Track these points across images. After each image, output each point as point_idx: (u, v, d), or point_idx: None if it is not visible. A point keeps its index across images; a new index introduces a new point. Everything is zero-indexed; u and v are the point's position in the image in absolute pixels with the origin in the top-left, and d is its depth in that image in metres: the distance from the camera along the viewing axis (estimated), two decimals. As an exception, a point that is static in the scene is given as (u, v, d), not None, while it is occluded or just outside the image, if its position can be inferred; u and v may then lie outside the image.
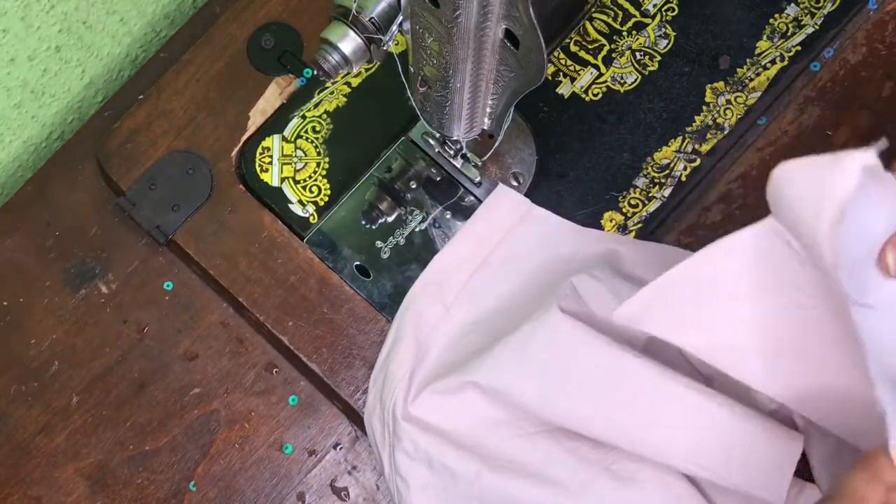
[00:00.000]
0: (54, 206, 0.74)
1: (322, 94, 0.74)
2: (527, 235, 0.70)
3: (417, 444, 0.64)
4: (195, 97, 0.74)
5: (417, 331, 0.67)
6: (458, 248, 0.70)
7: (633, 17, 0.75)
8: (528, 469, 0.64)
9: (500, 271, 0.69)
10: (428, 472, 0.64)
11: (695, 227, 0.71)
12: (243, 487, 0.69)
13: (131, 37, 0.81)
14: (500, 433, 0.65)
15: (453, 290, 0.69)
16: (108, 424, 0.70)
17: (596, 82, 0.74)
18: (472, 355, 0.65)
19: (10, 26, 0.69)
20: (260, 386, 0.71)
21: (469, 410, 0.65)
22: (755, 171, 0.71)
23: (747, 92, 0.73)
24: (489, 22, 0.51)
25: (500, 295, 0.69)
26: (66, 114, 0.81)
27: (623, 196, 0.72)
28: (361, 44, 0.56)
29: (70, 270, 0.73)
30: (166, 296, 0.72)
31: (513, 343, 0.64)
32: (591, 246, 0.69)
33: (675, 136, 0.73)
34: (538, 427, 0.64)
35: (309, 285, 0.71)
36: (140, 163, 0.73)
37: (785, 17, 0.74)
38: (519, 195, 0.70)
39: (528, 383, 0.63)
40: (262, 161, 0.73)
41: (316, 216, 0.72)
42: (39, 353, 0.71)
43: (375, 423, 0.67)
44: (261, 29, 0.75)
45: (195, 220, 0.72)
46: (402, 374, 0.66)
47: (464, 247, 0.70)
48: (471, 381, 0.64)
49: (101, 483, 0.69)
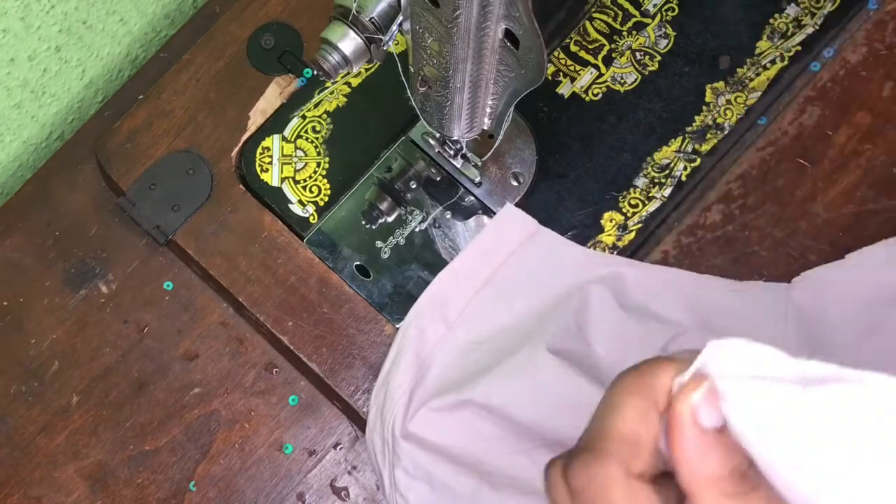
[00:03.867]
0: (54, 206, 0.74)
1: (322, 94, 0.74)
2: (532, 256, 0.69)
3: (417, 462, 0.64)
4: (195, 97, 0.74)
5: (419, 348, 0.67)
6: (462, 265, 0.69)
7: (633, 17, 0.75)
8: (528, 485, 0.63)
9: (505, 291, 0.69)
10: (428, 490, 0.64)
11: (695, 227, 0.71)
12: (243, 487, 0.69)
13: (131, 37, 0.81)
14: (499, 449, 0.64)
15: (456, 308, 0.68)
16: (108, 424, 0.70)
17: (596, 82, 0.74)
18: (473, 374, 0.65)
19: (10, 26, 0.69)
20: (260, 386, 0.71)
21: (467, 427, 0.64)
22: (755, 171, 0.71)
23: (747, 92, 0.73)
24: (489, 22, 0.51)
25: (503, 315, 0.68)
26: (66, 114, 0.81)
27: (623, 196, 0.72)
28: (361, 44, 0.56)
29: (70, 270, 0.73)
30: (166, 296, 0.72)
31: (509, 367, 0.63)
32: (596, 269, 0.68)
33: (675, 136, 0.73)
34: (536, 443, 0.64)
35: (309, 285, 0.71)
36: (140, 163, 0.73)
37: (785, 17, 0.74)
38: (526, 215, 0.70)
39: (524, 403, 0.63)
40: (263, 161, 0.73)
41: (316, 216, 0.72)
42: (39, 353, 0.71)
43: (376, 439, 0.66)
44: (261, 29, 0.75)
45: (195, 220, 0.72)
46: (403, 392, 0.65)
47: (468, 264, 0.69)
48: (468, 399, 0.64)
49: (101, 483, 0.69)
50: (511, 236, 0.70)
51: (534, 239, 0.70)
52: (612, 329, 0.66)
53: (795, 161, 0.71)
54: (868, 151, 0.71)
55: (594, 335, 0.66)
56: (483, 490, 0.63)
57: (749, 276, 0.69)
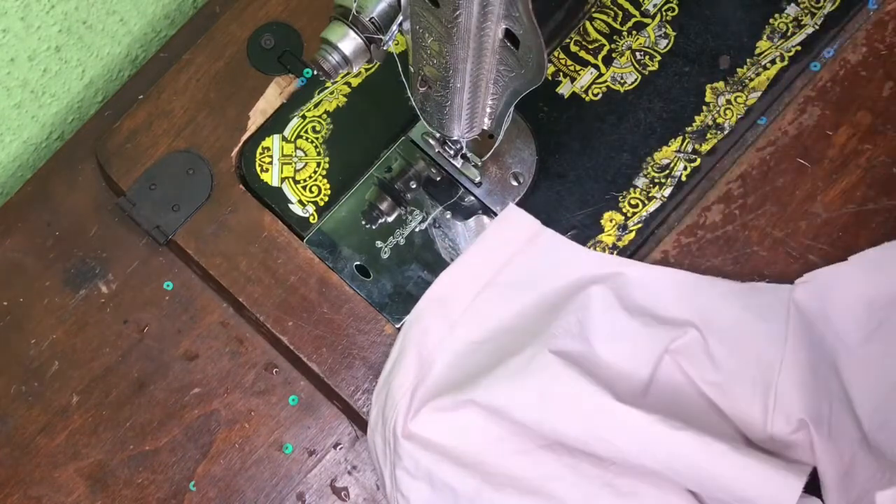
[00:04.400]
0: (54, 206, 0.74)
1: (322, 94, 0.74)
2: (535, 256, 0.69)
3: (418, 461, 0.64)
4: (195, 97, 0.74)
5: (421, 347, 0.67)
6: (465, 265, 0.69)
7: (633, 17, 0.75)
8: (529, 485, 0.63)
9: (507, 291, 0.69)
10: (429, 490, 0.64)
11: (695, 227, 0.71)
12: (243, 487, 0.69)
13: (131, 37, 0.81)
14: (500, 449, 0.64)
15: (459, 308, 0.68)
16: (108, 424, 0.70)
17: (596, 82, 0.74)
18: (475, 374, 0.65)
19: (10, 26, 0.69)
20: (260, 386, 0.71)
21: (469, 427, 0.64)
22: (755, 171, 0.71)
23: (747, 92, 0.73)
24: (489, 22, 0.51)
25: (505, 315, 0.68)
26: (66, 114, 0.81)
27: (623, 196, 0.72)
28: (361, 44, 0.56)
29: (70, 270, 0.73)
30: (166, 296, 0.72)
31: (511, 368, 0.63)
32: (599, 269, 0.69)
33: (675, 136, 0.73)
34: (538, 443, 0.64)
35: (309, 285, 0.71)
36: (140, 163, 0.73)
37: (785, 17, 0.74)
38: (529, 215, 0.70)
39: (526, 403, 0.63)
40: (263, 161, 0.73)
41: (316, 216, 0.72)
42: (39, 353, 0.71)
43: (377, 439, 0.66)
44: (261, 29, 0.75)
45: (195, 220, 0.72)
46: (405, 391, 0.65)
47: (471, 265, 0.69)
48: (469, 400, 0.64)
49: (101, 483, 0.69)
50: (514, 237, 0.70)
51: (536, 239, 0.70)
52: (614, 330, 0.66)
53: (795, 161, 0.71)
54: (868, 151, 0.71)
55: (596, 336, 0.66)
56: (484, 490, 0.63)
57: (749, 276, 0.69)
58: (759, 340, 0.65)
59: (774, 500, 0.59)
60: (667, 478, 0.61)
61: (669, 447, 0.60)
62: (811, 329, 0.65)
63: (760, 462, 0.60)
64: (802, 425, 0.63)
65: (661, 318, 0.67)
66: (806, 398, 0.63)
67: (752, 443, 0.64)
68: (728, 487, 0.60)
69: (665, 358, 0.66)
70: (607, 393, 0.61)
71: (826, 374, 0.64)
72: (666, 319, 0.67)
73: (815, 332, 0.65)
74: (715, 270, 0.69)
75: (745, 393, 0.65)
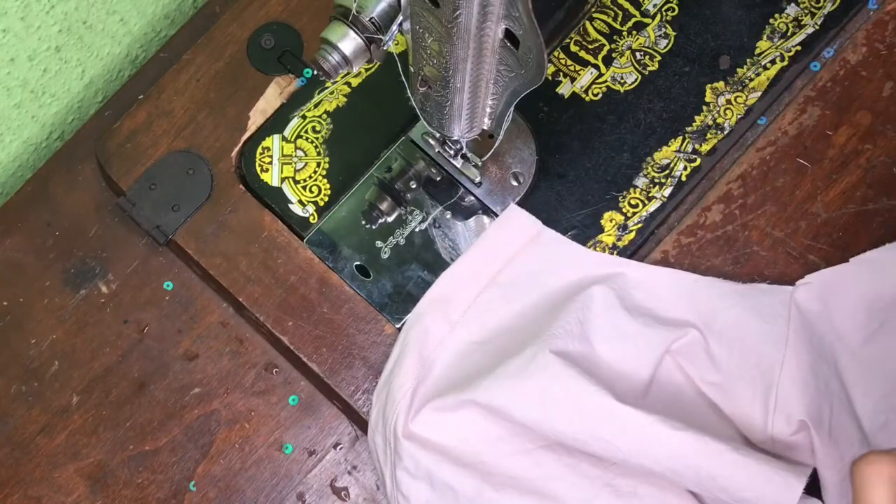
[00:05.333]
0: (54, 206, 0.74)
1: (322, 94, 0.74)
2: (536, 257, 0.69)
3: (418, 461, 0.64)
4: (195, 97, 0.74)
5: (422, 347, 0.67)
6: (466, 265, 0.69)
7: (633, 17, 0.75)
8: (529, 485, 0.63)
9: (508, 292, 0.69)
10: (429, 490, 0.64)
11: (695, 227, 0.71)
12: (243, 487, 0.69)
13: (131, 37, 0.81)
14: (501, 450, 0.64)
15: (460, 308, 0.68)
16: (108, 424, 0.70)
17: (596, 82, 0.74)
18: (475, 374, 0.65)
19: (10, 26, 0.69)
20: (260, 386, 0.71)
21: (469, 427, 0.64)
22: (755, 171, 0.71)
23: (747, 92, 0.73)
24: (489, 22, 0.51)
25: (506, 315, 0.68)
26: (66, 114, 0.81)
27: (623, 196, 0.72)
28: (361, 44, 0.56)
29: (70, 270, 0.73)
30: (166, 296, 0.72)
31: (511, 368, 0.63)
32: (600, 270, 0.69)
33: (675, 136, 0.73)
34: (538, 443, 0.64)
35: (309, 285, 0.71)
36: (140, 163, 0.73)
37: (785, 17, 0.74)
38: (530, 216, 0.70)
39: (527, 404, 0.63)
40: (263, 161, 0.73)
41: (316, 216, 0.72)
42: (39, 353, 0.71)
43: (378, 439, 0.66)
44: (261, 29, 0.75)
45: (195, 220, 0.72)
46: (405, 391, 0.65)
47: (472, 265, 0.69)
48: (470, 400, 0.64)
49: (101, 483, 0.69)
50: (515, 237, 0.70)
51: (537, 239, 0.70)
52: (615, 330, 0.66)
53: (795, 161, 0.71)
54: (868, 151, 0.71)
55: (597, 336, 0.66)
56: (484, 490, 0.63)
57: (749, 275, 0.69)
58: (760, 341, 0.65)
59: (775, 501, 0.59)
60: (667, 478, 0.61)
61: (670, 448, 0.60)
62: (812, 330, 0.65)
63: (761, 463, 0.60)
64: (803, 426, 0.63)
65: (661, 319, 0.67)
66: (807, 399, 0.63)
67: (753, 444, 0.64)
68: (728, 488, 0.60)
69: (666, 358, 0.66)
70: (608, 393, 0.61)
71: (827, 376, 0.64)
72: (667, 320, 0.67)
73: (815, 334, 0.65)
74: (715, 270, 0.69)
75: (745, 394, 0.65)
